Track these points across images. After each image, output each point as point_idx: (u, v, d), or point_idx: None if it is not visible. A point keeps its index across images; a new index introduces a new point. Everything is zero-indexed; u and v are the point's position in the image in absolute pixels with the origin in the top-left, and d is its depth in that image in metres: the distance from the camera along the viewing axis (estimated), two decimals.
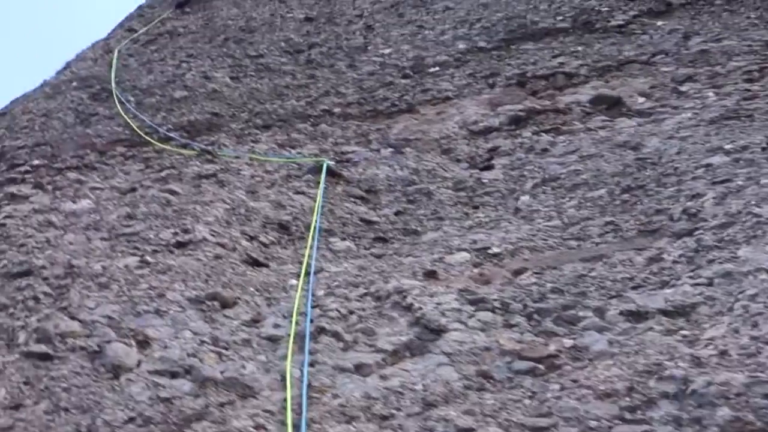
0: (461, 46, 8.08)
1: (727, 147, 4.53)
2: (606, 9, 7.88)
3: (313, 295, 3.94)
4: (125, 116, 8.27)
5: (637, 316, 3.18)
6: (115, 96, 9.02)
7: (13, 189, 6.50)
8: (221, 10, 12.14)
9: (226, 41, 10.48)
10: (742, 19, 7.00)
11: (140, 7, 13.92)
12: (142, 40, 11.54)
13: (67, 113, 9.03)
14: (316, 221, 4.94)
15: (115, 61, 10.52)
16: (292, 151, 6.60)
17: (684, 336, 2.94)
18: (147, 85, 9.36)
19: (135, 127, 7.80)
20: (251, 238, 4.86)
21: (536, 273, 3.75)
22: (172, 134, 7.51)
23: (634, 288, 3.41)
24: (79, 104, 9.27)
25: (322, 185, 5.44)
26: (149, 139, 7.38)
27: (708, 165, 4.37)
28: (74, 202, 5.87)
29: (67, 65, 11.47)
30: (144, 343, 3.55)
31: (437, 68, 7.73)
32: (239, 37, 10.50)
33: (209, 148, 6.85)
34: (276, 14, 11.24)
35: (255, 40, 10.21)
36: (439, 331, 3.37)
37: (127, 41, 11.55)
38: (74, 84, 10.17)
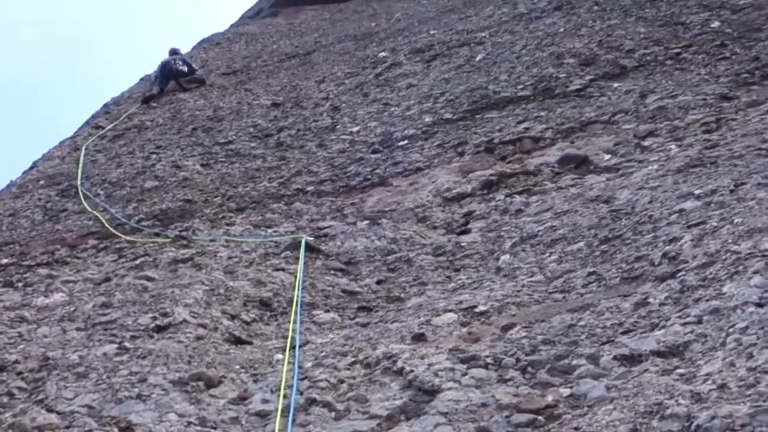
0: (427, 119, 8.26)
1: (697, 192, 4.63)
2: (563, 75, 8.16)
3: (300, 367, 3.84)
4: (92, 211, 8.17)
5: (631, 359, 3.15)
6: (80, 192, 8.94)
7: None
8: (188, 102, 12.32)
9: (194, 131, 10.58)
10: (693, 75, 7.29)
11: (106, 105, 14.08)
12: (109, 136, 11.61)
13: (35, 211, 8.94)
14: (298, 290, 4.88)
15: (82, 157, 10.53)
16: (268, 231, 6.58)
17: (681, 374, 2.91)
18: (117, 178, 9.35)
19: (104, 221, 7.71)
20: (233, 317, 4.76)
21: (525, 327, 3.72)
22: (144, 223, 7.46)
23: (624, 333, 3.39)
24: (47, 201, 9.21)
25: (301, 260, 5.41)
26: (118, 233, 7.22)
27: (681, 210, 4.45)
28: (46, 296, 5.74)
29: (34, 165, 11.45)
30: (127, 430, 3.41)
31: (406, 141, 7.86)
32: (207, 126, 10.61)
33: (184, 233, 6.80)
34: (243, 102, 11.43)
35: (223, 128, 10.33)
36: (433, 392, 3.29)
37: (94, 138, 11.60)
38: (41, 182, 10.12)
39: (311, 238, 5.97)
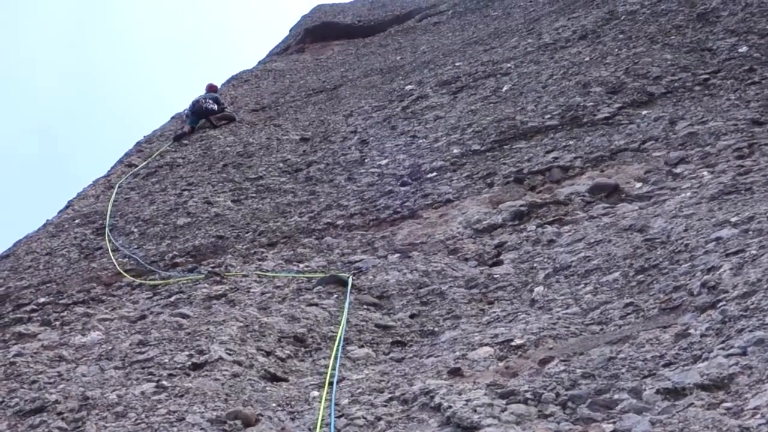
0: (455, 150, 8.29)
1: (734, 220, 4.56)
2: (591, 104, 8.15)
3: (337, 404, 3.83)
4: (115, 262, 7.97)
5: (675, 393, 3.09)
6: (107, 244, 8.82)
7: (20, 328, 6.46)
8: (218, 139, 12.52)
9: (225, 167, 10.74)
10: (722, 101, 7.23)
11: (138, 143, 14.35)
12: (142, 174, 11.82)
13: (71, 250, 9.10)
14: (342, 329, 4.89)
15: (113, 195, 10.72)
16: (300, 266, 6.62)
17: (728, 408, 2.84)
18: (150, 216, 9.50)
19: (127, 270, 7.66)
20: (268, 354, 4.78)
21: (563, 360, 3.68)
22: (177, 260, 7.55)
23: (666, 365, 3.33)
24: (82, 240, 9.37)
25: (347, 299, 5.40)
26: (145, 281, 7.12)
27: (718, 238, 4.39)
28: (83, 335, 5.82)
29: (69, 204, 11.68)
30: None
31: (435, 173, 7.89)
32: (238, 162, 10.76)
33: (218, 270, 6.86)
34: (272, 137, 11.58)
35: (254, 164, 10.46)
36: (472, 429, 3.25)
37: (127, 176, 11.82)
38: (77, 221, 10.31)
39: (346, 274, 5.96)
